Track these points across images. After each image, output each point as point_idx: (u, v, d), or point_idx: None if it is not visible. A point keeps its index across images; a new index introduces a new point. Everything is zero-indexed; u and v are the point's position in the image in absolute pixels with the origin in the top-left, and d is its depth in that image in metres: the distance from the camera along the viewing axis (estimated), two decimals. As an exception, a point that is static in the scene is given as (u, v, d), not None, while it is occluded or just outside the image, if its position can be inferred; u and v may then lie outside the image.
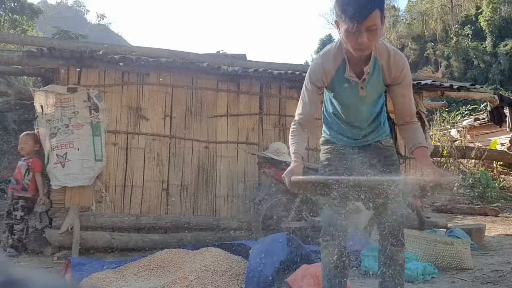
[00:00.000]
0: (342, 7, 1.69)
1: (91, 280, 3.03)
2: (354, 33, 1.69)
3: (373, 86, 1.95)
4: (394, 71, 1.90)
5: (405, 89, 1.96)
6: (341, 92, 2.01)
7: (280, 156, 4.48)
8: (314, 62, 2.01)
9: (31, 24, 14.19)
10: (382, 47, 1.89)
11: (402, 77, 1.92)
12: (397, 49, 1.96)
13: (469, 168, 10.86)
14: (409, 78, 1.96)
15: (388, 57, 1.88)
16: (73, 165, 4.29)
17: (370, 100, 2.01)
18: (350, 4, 1.67)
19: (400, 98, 1.98)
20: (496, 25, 23.37)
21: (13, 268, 0.47)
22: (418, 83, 5.53)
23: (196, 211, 4.80)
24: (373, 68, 1.89)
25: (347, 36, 1.73)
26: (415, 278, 3.13)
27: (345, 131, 2.12)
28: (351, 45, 1.75)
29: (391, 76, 1.92)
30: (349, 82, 1.93)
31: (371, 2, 1.66)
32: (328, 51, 1.96)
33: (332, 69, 1.94)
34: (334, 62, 1.93)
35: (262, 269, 2.86)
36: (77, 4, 50.35)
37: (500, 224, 6.69)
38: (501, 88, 18.81)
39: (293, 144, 2.00)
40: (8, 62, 4.92)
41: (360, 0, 1.66)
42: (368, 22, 1.66)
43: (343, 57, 1.90)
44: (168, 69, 4.80)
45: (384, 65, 1.90)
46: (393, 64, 1.89)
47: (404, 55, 1.96)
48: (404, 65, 1.92)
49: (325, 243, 2.03)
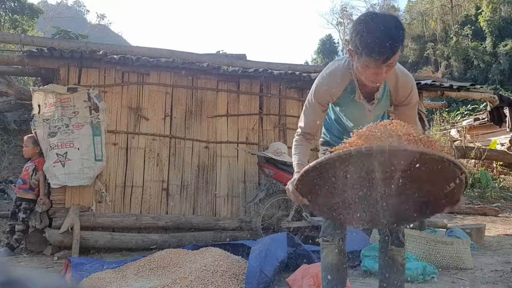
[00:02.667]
0: (364, 43, 1.57)
1: (91, 280, 3.03)
2: (373, 69, 1.63)
3: (380, 107, 1.95)
4: (401, 93, 1.88)
5: (410, 110, 1.95)
6: (347, 109, 1.99)
7: (280, 156, 4.47)
8: (320, 80, 1.92)
9: (31, 24, 14.18)
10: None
11: (409, 99, 1.90)
12: (405, 70, 1.91)
13: (469, 168, 10.86)
14: (415, 99, 1.93)
15: (396, 80, 1.85)
16: (73, 165, 4.29)
17: (375, 117, 2.00)
18: (375, 43, 1.55)
19: (405, 117, 1.94)
20: (496, 25, 23.37)
21: (13, 268, 0.47)
22: (418, 83, 5.53)
23: (196, 211, 4.80)
24: (382, 93, 1.88)
25: (365, 70, 1.66)
26: (415, 278, 3.13)
27: (346, 136, 2.13)
28: (367, 78, 1.69)
29: (398, 97, 1.90)
30: (356, 103, 1.91)
31: (396, 41, 1.56)
32: (335, 70, 1.88)
33: (339, 89, 1.89)
34: (341, 82, 1.87)
35: (262, 269, 2.86)
36: (77, 4, 50.36)
37: (500, 224, 6.69)
38: (501, 88, 18.80)
39: (296, 154, 1.94)
40: (8, 62, 4.92)
41: (386, 40, 1.54)
42: (390, 61, 1.60)
43: (351, 78, 1.84)
44: (168, 69, 4.80)
45: (392, 88, 1.87)
46: (401, 86, 1.87)
47: (411, 76, 1.91)
48: (411, 88, 1.88)
49: (325, 243, 2.03)
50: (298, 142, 1.98)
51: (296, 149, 1.96)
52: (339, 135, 2.14)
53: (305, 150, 1.96)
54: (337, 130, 2.15)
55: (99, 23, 38.18)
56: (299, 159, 1.91)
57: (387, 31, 1.55)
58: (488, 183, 9.75)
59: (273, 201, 4.49)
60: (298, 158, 1.92)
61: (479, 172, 10.22)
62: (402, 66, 1.92)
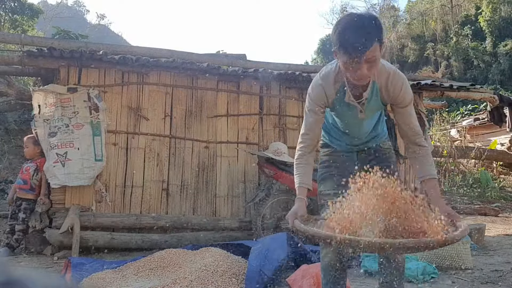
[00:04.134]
0: (340, 40, 1.65)
1: (91, 280, 3.03)
2: (353, 66, 1.67)
3: (372, 108, 1.95)
4: (392, 92, 1.88)
5: (406, 109, 1.93)
6: (341, 113, 2.01)
7: (280, 156, 4.47)
8: (314, 83, 1.95)
9: (31, 24, 14.17)
10: (382, 69, 1.85)
11: (401, 98, 1.89)
12: (396, 69, 1.91)
13: (469, 168, 10.86)
14: (409, 99, 1.91)
15: (386, 79, 1.85)
16: (73, 165, 4.29)
17: (369, 118, 2.02)
18: (348, 39, 1.62)
19: (401, 117, 1.94)
20: (496, 25, 23.36)
21: (13, 268, 0.47)
22: (418, 83, 5.53)
23: (196, 211, 4.80)
24: (371, 92, 1.88)
25: (346, 68, 1.70)
26: (415, 278, 3.14)
27: (344, 139, 2.15)
28: (350, 76, 1.73)
29: (390, 97, 1.90)
30: (348, 105, 1.93)
31: (369, 36, 1.61)
32: (328, 73, 1.92)
33: (332, 92, 1.91)
34: (334, 85, 1.90)
35: (262, 269, 2.86)
36: (77, 4, 50.32)
37: (500, 224, 6.69)
38: (501, 88, 18.80)
39: (298, 175, 1.90)
40: (8, 62, 4.92)
41: (359, 35, 1.61)
42: (367, 56, 1.63)
43: (343, 80, 1.87)
44: (168, 69, 4.80)
45: (383, 86, 1.87)
46: (391, 85, 1.86)
47: (403, 76, 1.91)
48: (402, 86, 1.87)
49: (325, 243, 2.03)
50: (300, 159, 1.94)
51: (298, 168, 1.92)
52: (337, 137, 2.17)
53: (308, 169, 1.93)
54: (334, 132, 2.17)
55: (99, 23, 38.20)
56: (300, 181, 1.88)
57: (360, 28, 1.62)
58: (488, 183, 9.75)
59: (273, 201, 4.49)
60: (300, 180, 1.88)
61: (479, 172, 10.22)
62: (393, 66, 1.94)
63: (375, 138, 2.15)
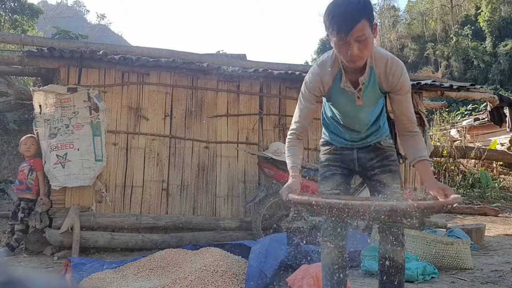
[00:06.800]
0: (328, 20, 1.69)
1: (91, 280, 3.03)
2: (343, 45, 1.69)
3: (369, 95, 1.94)
4: (390, 79, 1.88)
5: (403, 97, 1.93)
6: (338, 101, 2.01)
7: (280, 156, 4.47)
8: (311, 71, 1.99)
9: (31, 24, 14.17)
10: (379, 55, 1.86)
11: (399, 85, 1.89)
12: (395, 57, 1.92)
13: (469, 168, 10.86)
14: (407, 86, 1.93)
15: (385, 65, 1.86)
16: (73, 165, 4.29)
17: (368, 107, 2.00)
18: (336, 17, 1.66)
19: (399, 106, 1.95)
20: (495, 25, 23.39)
21: (13, 268, 0.47)
22: (418, 83, 5.53)
23: (196, 211, 4.80)
24: (368, 77, 1.88)
25: (338, 49, 1.73)
26: (415, 278, 3.13)
27: (344, 134, 2.14)
28: (343, 57, 1.75)
29: (388, 84, 1.90)
30: (345, 92, 1.93)
31: (356, 12, 1.64)
32: (325, 60, 1.94)
33: (329, 79, 1.92)
34: (331, 71, 1.91)
35: (262, 269, 2.86)
36: (77, 4, 50.37)
37: (500, 224, 6.69)
38: (501, 88, 18.82)
39: (290, 156, 1.97)
40: (8, 62, 4.91)
41: (346, 12, 1.64)
42: (356, 33, 1.64)
43: (340, 66, 1.88)
44: (168, 69, 4.80)
45: (381, 73, 1.87)
46: (390, 72, 1.86)
47: (402, 63, 1.93)
48: (401, 73, 1.88)
49: (325, 243, 2.04)
50: (291, 143, 2.01)
51: (290, 150, 2.00)
52: (338, 133, 2.16)
53: (299, 151, 2.00)
54: (334, 127, 2.17)
55: (99, 23, 38.22)
56: (293, 162, 1.95)
57: (347, 5, 1.66)
58: (488, 183, 9.75)
59: (273, 201, 4.49)
60: (292, 161, 1.96)
61: (479, 172, 10.21)
62: (391, 53, 1.95)
63: (376, 134, 2.13)
